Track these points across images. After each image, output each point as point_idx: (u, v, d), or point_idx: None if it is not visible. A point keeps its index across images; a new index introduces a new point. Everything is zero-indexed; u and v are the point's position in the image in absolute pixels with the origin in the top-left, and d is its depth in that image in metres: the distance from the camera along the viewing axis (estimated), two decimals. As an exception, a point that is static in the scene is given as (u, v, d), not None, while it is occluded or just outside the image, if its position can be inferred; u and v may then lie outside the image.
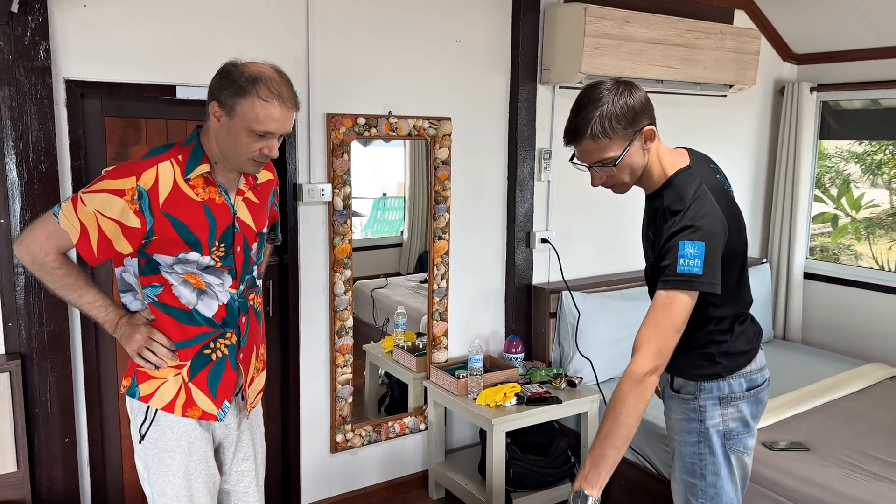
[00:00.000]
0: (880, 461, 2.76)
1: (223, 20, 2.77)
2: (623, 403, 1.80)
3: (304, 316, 3.14)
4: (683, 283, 1.80)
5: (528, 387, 3.24)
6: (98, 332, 2.75)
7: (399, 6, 3.16)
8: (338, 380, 3.24)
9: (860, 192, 5.17)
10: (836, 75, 4.28)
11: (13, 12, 2.35)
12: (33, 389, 2.55)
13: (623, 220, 3.92)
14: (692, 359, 2.04)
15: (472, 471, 3.36)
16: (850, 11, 3.88)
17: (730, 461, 2.04)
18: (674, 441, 2.15)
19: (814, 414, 3.23)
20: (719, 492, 2.04)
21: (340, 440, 3.28)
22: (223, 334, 2.04)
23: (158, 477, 2.02)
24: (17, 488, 2.47)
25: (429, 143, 3.37)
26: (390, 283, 4.08)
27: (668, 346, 1.82)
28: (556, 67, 3.45)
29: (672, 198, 1.90)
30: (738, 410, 2.04)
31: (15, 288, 2.51)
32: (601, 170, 1.90)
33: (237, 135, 1.87)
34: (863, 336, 4.21)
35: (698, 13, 3.86)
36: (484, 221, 3.58)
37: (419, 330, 3.70)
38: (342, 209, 3.14)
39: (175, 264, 1.94)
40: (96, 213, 1.81)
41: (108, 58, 2.61)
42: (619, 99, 1.83)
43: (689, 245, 1.79)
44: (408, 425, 3.49)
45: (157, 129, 2.75)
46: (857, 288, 4.29)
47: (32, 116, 2.45)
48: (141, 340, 1.94)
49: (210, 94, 1.89)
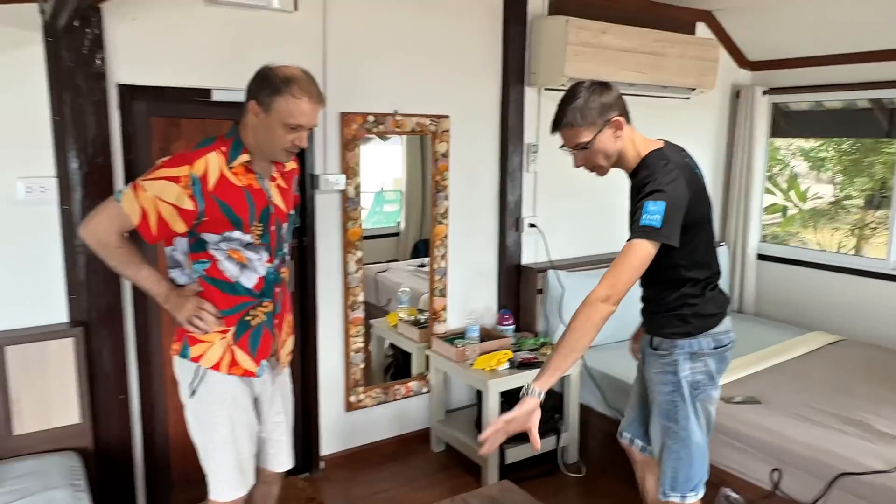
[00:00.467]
0: (821, 412, 2.88)
1: (252, 31, 2.85)
2: (574, 319, 1.90)
3: (321, 292, 3.22)
4: (643, 234, 1.89)
5: (519, 353, 3.33)
6: (147, 304, 2.80)
7: (402, 18, 3.24)
8: (351, 348, 3.33)
9: (806, 186, 5.28)
10: (785, 80, 4.32)
11: (75, 25, 2.42)
12: (93, 353, 2.61)
13: (602, 206, 3.97)
14: (669, 319, 2.15)
15: (468, 427, 3.44)
16: (798, 23, 3.97)
17: (696, 408, 2.13)
18: (653, 392, 2.24)
19: (765, 374, 3.35)
20: (690, 434, 2.14)
21: (354, 400, 3.39)
22: (261, 303, 2.10)
23: (207, 427, 2.09)
24: (81, 437, 2.57)
25: (429, 139, 3.43)
26: (391, 267, 4.18)
27: (622, 281, 1.89)
28: (541, 72, 3.53)
29: (644, 173, 2.01)
30: (705, 365, 2.14)
31: (77, 265, 2.57)
32: (579, 153, 2.06)
33: (273, 128, 1.93)
34: (808, 308, 4.30)
35: (665, 25, 3.89)
36: (478, 208, 3.66)
37: (419, 307, 3.78)
38: (354, 197, 3.23)
39: (221, 242, 1.99)
40: (155, 197, 1.86)
41: (153, 65, 2.68)
42: (592, 96, 1.99)
43: (651, 204, 1.89)
44: (412, 388, 3.59)
45: (195, 127, 2.80)
46: (804, 267, 4.36)
47: (90, 117, 2.52)
48: (191, 309, 1.99)
49: (249, 94, 1.96)
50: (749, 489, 2.77)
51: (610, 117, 2.01)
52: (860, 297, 4.09)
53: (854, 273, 4.14)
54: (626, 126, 2.05)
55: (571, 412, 3.45)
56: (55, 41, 2.47)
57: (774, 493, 2.69)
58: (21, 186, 2.50)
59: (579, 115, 2.00)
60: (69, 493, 2.23)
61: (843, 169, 5.14)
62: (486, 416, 3.16)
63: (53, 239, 2.59)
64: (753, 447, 2.77)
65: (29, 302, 2.57)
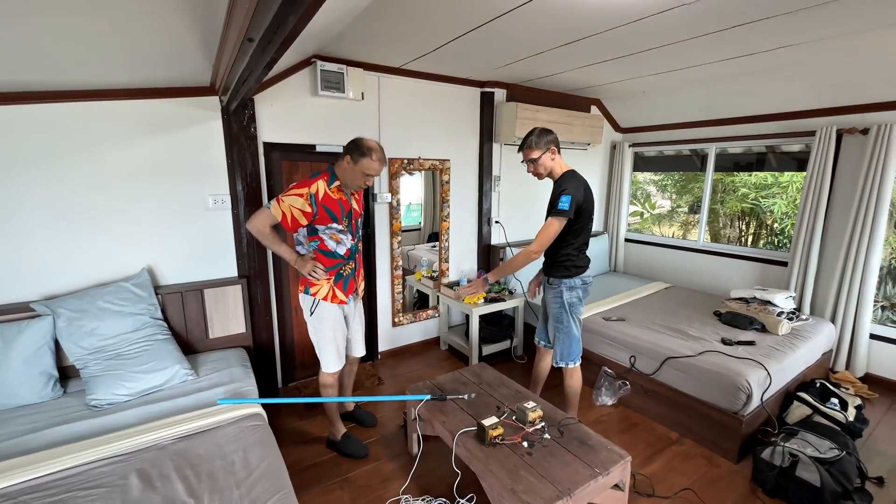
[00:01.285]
0: (658, 324, 2.94)
1: (337, 111, 2.87)
2: (516, 256, 2.05)
3: (379, 260, 3.26)
4: (558, 214, 1.99)
5: (490, 294, 3.41)
6: (281, 267, 2.83)
7: (423, 103, 3.24)
8: (395, 291, 3.38)
9: (655, 201, 5.40)
10: (641, 138, 4.30)
11: (237, 107, 2.48)
12: (251, 293, 2.67)
13: (535, 210, 4.00)
14: (557, 267, 2.19)
15: (461, 335, 3.52)
16: (649, 107, 3.98)
17: (571, 316, 2.21)
18: (548, 309, 2.28)
19: (627, 305, 3.36)
20: (570, 330, 2.21)
21: (397, 320, 3.43)
22: (348, 263, 2.16)
23: (321, 332, 2.17)
24: (246, 339, 2.64)
25: (438, 172, 3.47)
26: (416, 248, 4.21)
27: (543, 244, 2.00)
28: (502, 133, 3.52)
29: (561, 181, 2.10)
30: (577, 294, 2.19)
31: (241, 245, 2.63)
32: (531, 164, 2.13)
33: (357, 174, 1.99)
34: (652, 268, 4.31)
35: (572, 106, 3.93)
36: (466, 212, 3.66)
37: (434, 268, 3.83)
38: (395, 206, 3.24)
39: (326, 230, 2.06)
40: (290, 205, 1.94)
41: (283, 131, 2.70)
42: (541, 135, 2.09)
43: (564, 197, 1.98)
44: (429, 314, 3.62)
45: (305, 167, 2.83)
46: (651, 246, 4.35)
47: (247, 160, 2.56)
48: (311, 267, 2.07)
49: (346, 151, 1.99)
50: (618, 367, 2.86)
51: (549, 146, 2.10)
52: (681, 261, 4.11)
53: (679, 248, 4.16)
54: (557, 153, 2.12)
55: (518, 326, 3.51)
56: (227, 117, 2.52)
57: (631, 369, 2.78)
58: (210, 199, 2.56)
59: (534, 142, 2.10)
60: (241, 369, 2.33)
61: (676, 190, 5.10)
62: (471, 329, 3.21)
63: (228, 230, 2.63)
64: (620, 344, 2.83)
65: (217, 265, 2.63)
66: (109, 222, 2.33)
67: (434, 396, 2.21)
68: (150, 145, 2.37)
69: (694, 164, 4.18)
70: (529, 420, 1.97)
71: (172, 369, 2.18)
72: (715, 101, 3.58)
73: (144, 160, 2.36)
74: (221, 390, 2.13)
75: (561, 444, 1.87)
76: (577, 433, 1.95)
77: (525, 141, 2.14)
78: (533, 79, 3.37)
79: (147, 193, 2.39)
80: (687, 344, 2.67)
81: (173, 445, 1.75)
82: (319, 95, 2.78)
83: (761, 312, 3.01)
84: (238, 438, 1.80)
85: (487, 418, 1.92)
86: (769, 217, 4.35)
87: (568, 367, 2.30)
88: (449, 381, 2.37)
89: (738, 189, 4.40)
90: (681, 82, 3.44)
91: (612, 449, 1.84)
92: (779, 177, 4.22)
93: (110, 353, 2.14)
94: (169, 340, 2.29)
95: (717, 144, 3.82)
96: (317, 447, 2.42)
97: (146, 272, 2.39)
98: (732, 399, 2.34)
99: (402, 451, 2.40)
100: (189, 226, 2.52)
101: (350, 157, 1.97)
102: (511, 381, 2.35)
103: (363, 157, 1.95)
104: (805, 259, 3.24)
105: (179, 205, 2.48)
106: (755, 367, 2.40)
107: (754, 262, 3.63)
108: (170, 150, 2.42)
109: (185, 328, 2.50)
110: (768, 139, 3.50)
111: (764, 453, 2.17)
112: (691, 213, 4.90)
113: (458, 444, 1.91)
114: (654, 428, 2.64)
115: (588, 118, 3.88)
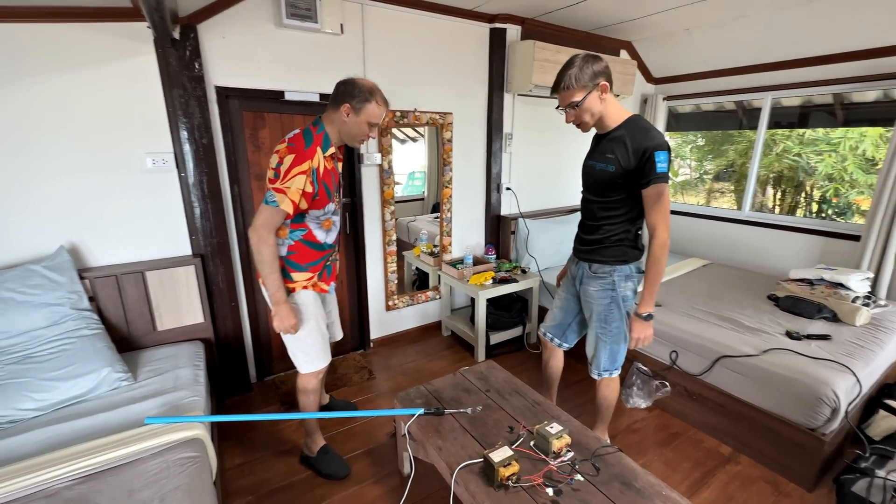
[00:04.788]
0: (701, 310, 2.48)
1: (311, 49, 2.35)
2: (656, 259, 1.56)
3: (368, 234, 2.81)
4: (663, 178, 1.49)
5: (499, 273, 2.95)
6: (248, 244, 2.39)
7: (419, 41, 2.70)
8: (388, 270, 2.95)
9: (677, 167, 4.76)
10: (678, 90, 3.71)
11: (175, 38, 1.95)
12: (211, 275, 2.24)
13: (554, 175, 3.52)
14: (610, 249, 1.70)
15: (466, 320, 3.14)
16: (685, 52, 3.39)
17: (624, 313, 1.73)
18: (589, 305, 1.76)
19: (662, 285, 2.89)
20: (620, 330, 1.74)
21: (391, 304, 3.02)
22: (335, 251, 1.84)
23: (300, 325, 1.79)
24: (205, 331, 2.24)
25: (439, 129, 2.94)
26: (417, 219, 3.81)
27: (668, 223, 1.53)
28: (515, 81, 2.97)
29: (634, 130, 1.55)
30: (632, 285, 1.71)
31: (193, 216, 2.16)
32: (571, 111, 1.57)
33: (360, 125, 1.63)
34: (685, 242, 3.78)
35: (600, 49, 3.37)
36: (472, 177, 3.19)
37: (434, 243, 3.43)
38: (387, 169, 2.76)
39: (320, 216, 1.68)
40: (297, 189, 1.57)
41: (241, 73, 2.19)
42: (585, 65, 1.51)
43: (660, 154, 1.47)
44: (429, 296, 3.22)
45: (273, 119, 2.34)
46: (684, 216, 3.80)
47: (195, 108, 2.06)
48: (286, 327, 1.65)
49: (340, 98, 1.60)
50: (654, 364, 2.39)
51: (598, 82, 1.53)
52: (720, 234, 3.59)
53: (718, 219, 3.60)
54: (608, 91, 1.55)
55: (533, 311, 3.06)
56: (162, 50, 1.97)
57: (672, 367, 2.31)
58: (149, 159, 2.06)
59: (574, 77, 1.51)
60: (190, 371, 1.90)
61: (702, 155, 4.56)
62: (478, 315, 2.78)
63: (175, 197, 2.16)
64: (658, 336, 2.36)
65: (161, 240, 2.17)
66: (11, 191, 1.82)
67: (428, 411, 1.71)
68: (60, 88, 1.86)
69: (735, 121, 3.57)
70: (553, 450, 1.45)
71: (100, 374, 1.74)
72: (774, 38, 2.96)
73: (55, 107, 1.86)
74: (159, 401, 1.71)
75: (597, 487, 1.36)
76: (619, 469, 1.43)
77: (561, 77, 1.55)
78: (553, 10, 2.81)
79: (62, 151, 1.90)
80: (744, 338, 2.18)
81: (69, 490, 1.28)
82: (285, 26, 2.23)
83: (831, 297, 2.43)
84: (158, 480, 1.31)
85: (496, 448, 1.42)
86: (808, 181, 3.68)
87: (611, 376, 1.84)
88: (448, 387, 1.90)
89: (780, 144, 3.74)
90: (735, 12, 2.80)
91: (669, 496, 1.32)
92: (830, 132, 3.49)
93: (15, 356, 1.69)
94: (98, 336, 1.84)
95: (772, 94, 3.22)
96: (287, 462, 1.99)
97: (65, 251, 1.90)
98: (811, 413, 1.80)
99: (391, 469, 1.94)
100: (122, 192, 2.05)
101: (350, 106, 1.62)
102: (527, 388, 1.87)
103: (366, 102, 1.61)
104: (886, 232, 2.62)
105: (107, 167, 2.00)
106: (841, 372, 1.85)
107: (810, 235, 3.09)
108: (88, 94, 1.91)
109: (126, 319, 2.06)
110: (840, 84, 2.84)
111: (856, 486, 1.64)
112: (716, 181, 4.43)
113: (457, 482, 1.40)
114: (700, 440, 2.13)
115: (618, 63, 3.31)
